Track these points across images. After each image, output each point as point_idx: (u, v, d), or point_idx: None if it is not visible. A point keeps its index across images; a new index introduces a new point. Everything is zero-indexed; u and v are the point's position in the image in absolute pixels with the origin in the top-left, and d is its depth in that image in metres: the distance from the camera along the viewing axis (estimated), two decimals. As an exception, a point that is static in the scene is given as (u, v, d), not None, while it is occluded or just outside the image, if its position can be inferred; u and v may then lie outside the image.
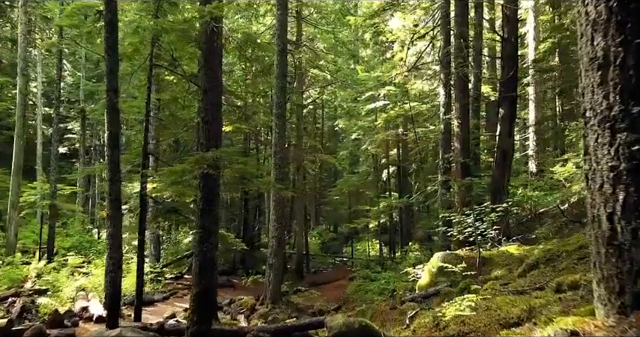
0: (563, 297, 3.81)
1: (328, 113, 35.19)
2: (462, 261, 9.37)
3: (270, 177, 11.15)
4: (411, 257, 17.80)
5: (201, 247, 7.65)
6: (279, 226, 14.92)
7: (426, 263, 10.74)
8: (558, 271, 5.70)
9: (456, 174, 13.50)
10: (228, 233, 10.38)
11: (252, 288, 16.88)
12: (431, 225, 17.80)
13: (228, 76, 23.37)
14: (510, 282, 5.96)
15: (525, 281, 5.61)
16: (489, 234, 9.97)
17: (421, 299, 8.72)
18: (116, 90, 9.12)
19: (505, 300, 4.30)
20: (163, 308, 14.12)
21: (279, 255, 15.00)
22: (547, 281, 5.02)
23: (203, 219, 7.72)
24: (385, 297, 16.26)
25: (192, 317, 7.49)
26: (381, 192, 26.31)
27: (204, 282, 7.59)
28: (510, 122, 13.14)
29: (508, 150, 13.18)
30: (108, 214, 9.08)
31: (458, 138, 13.53)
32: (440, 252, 9.92)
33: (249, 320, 13.42)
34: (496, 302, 4.33)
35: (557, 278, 4.63)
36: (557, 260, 6.22)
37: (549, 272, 5.83)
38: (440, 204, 13.86)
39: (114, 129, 9.14)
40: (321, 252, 27.94)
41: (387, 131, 22.95)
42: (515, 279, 6.39)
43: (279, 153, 15.03)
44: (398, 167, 24.70)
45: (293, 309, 15.14)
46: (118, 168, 9.16)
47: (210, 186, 7.70)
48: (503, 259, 9.02)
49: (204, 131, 7.81)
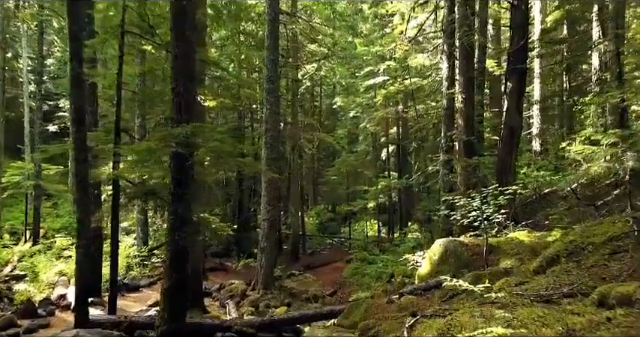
0: (613, 318, 2.83)
1: (326, 90, 33.93)
2: (466, 249, 8.44)
3: (251, 157, 10.09)
4: (410, 239, 16.90)
5: (173, 236, 6.68)
6: (272, 208, 13.96)
7: (427, 250, 9.81)
8: (586, 269, 4.72)
9: (459, 153, 12.45)
10: (213, 216, 9.37)
11: (245, 272, 16.03)
12: (431, 206, 16.85)
13: (220, 50, 22.18)
14: (527, 281, 4.99)
15: (547, 281, 4.63)
16: (496, 219, 9.00)
17: (421, 291, 7.79)
18: (80, 60, 8.02)
19: (531, 314, 3.33)
20: (149, 294, 13.26)
21: (272, 239, 14.09)
22: (577, 284, 4.04)
23: (175, 204, 6.72)
24: (382, 283, 15.44)
25: (162, 314, 6.56)
26: (380, 172, 25.30)
27: (176, 275, 6.63)
28: (519, 96, 12.01)
29: (516, 127, 12.08)
30: (75, 197, 8.09)
31: (461, 115, 12.44)
32: (442, 239, 8.96)
33: (240, 307, 12.57)
34: (520, 316, 3.36)
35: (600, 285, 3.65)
36: (582, 255, 5.24)
37: (574, 269, 4.85)
38: (441, 185, 12.84)
39: (78, 103, 8.07)
40: (319, 233, 27.07)
41: (386, 108, 21.79)
42: (532, 277, 5.42)
43: (272, 130, 13.97)
44: (398, 146, 23.61)
45: (286, 295, 14.29)
46: (85, 147, 8.12)
47: (181, 167, 6.68)
48: (512, 247, 8.06)
49: (175, 104, 6.75)
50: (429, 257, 8.87)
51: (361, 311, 7.44)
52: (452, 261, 8.32)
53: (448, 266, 8.34)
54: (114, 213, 8.83)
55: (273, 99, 13.78)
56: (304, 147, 23.42)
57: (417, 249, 16.01)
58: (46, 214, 21.72)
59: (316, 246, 24.78)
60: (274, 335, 8.27)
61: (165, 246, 6.86)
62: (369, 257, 18.24)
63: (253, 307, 12.49)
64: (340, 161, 24.87)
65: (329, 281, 16.93)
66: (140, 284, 13.94)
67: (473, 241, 8.59)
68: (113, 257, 8.87)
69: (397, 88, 19.34)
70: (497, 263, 7.63)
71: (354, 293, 15.62)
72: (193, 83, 6.98)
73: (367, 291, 14.43)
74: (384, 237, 23.12)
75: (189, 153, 6.52)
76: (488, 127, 18.65)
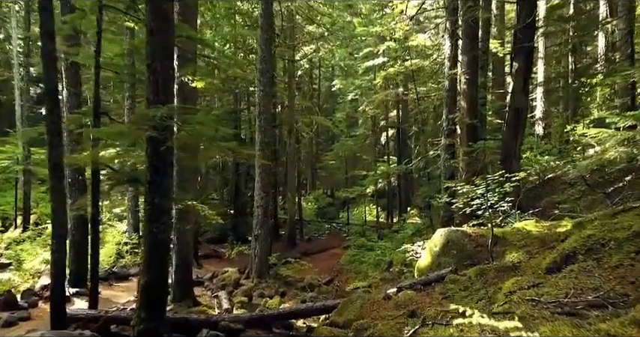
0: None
1: (325, 73, 33.09)
2: (469, 240, 7.83)
3: (234, 142, 9.44)
4: (409, 225, 16.33)
5: (150, 228, 6.05)
6: (266, 195, 13.35)
7: (427, 240, 9.22)
8: (610, 270, 4.11)
9: (462, 137, 11.78)
10: (210, 200, 8.75)
11: (239, 259, 15.48)
12: (432, 192, 16.24)
13: (215, 31, 21.32)
14: (542, 283, 4.36)
15: (566, 284, 4.01)
16: (501, 207, 8.37)
17: (421, 286, 7.19)
18: (51, 34, 7.29)
19: (557, 334, 2.72)
20: (137, 283, 12.71)
21: (266, 226, 13.51)
22: (605, 291, 3.42)
23: (152, 193, 6.08)
24: (381, 271, 14.93)
25: (139, 313, 5.97)
26: (379, 157, 24.63)
27: (154, 270, 6.03)
28: (525, 77, 11.28)
29: (522, 110, 11.37)
30: (49, 185, 7.46)
31: (464, 97, 11.74)
32: (443, 229, 8.34)
33: (232, 297, 12.04)
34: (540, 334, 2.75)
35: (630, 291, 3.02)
36: (603, 252, 4.61)
37: (595, 270, 4.23)
38: (442, 170, 12.20)
39: (51, 83, 7.37)
40: (317, 218, 26.54)
41: (386, 91, 21.01)
42: (545, 276, 4.80)
43: (265, 113, 13.28)
44: (397, 129, 22.89)
45: (281, 283, 13.78)
46: (59, 130, 7.45)
47: (158, 153, 6.03)
48: (518, 238, 7.44)
49: (152, 82, 6.06)
50: (429, 248, 8.27)
51: (356, 307, 6.85)
52: (454, 253, 7.72)
53: (450, 258, 7.74)
54: (93, 201, 8.19)
55: (267, 80, 13.05)
56: (302, 131, 22.74)
57: (417, 235, 15.46)
58: (40, 199, 21.12)
59: (314, 232, 24.26)
60: (264, 331, 7.73)
61: (142, 239, 6.24)
62: (367, 244, 17.72)
63: (246, 297, 11.97)
64: (339, 145, 24.19)
65: (326, 268, 16.41)
66: (130, 272, 13.40)
67: (476, 231, 7.97)
68: (94, 248, 8.27)
69: (397, 70, 18.55)
70: (503, 255, 7.02)
71: (351, 282, 15.12)
72: (171, 60, 6.28)
73: (365, 280, 13.92)
74: (382, 222, 22.58)
75: (166, 137, 5.86)
76: (490, 110, 17.93)
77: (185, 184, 10.61)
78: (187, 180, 10.73)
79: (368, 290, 12.62)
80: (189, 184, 10.96)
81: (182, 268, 10.57)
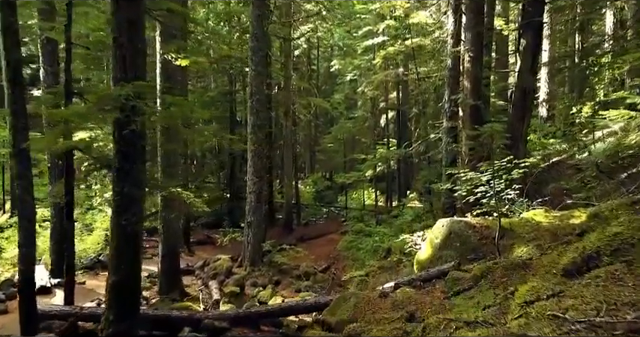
0: None
1: (324, 53, 32.07)
2: (473, 232, 7.16)
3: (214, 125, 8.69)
4: (408, 211, 15.67)
5: (119, 220, 5.39)
6: (258, 180, 12.67)
7: (427, 230, 8.57)
8: (645, 277, 3.42)
9: (465, 119, 11.03)
10: (197, 188, 8.07)
11: (234, 246, 14.84)
12: (432, 177, 15.55)
13: (208, 8, 20.36)
14: (563, 292, 3.68)
15: (593, 295, 3.34)
16: (507, 196, 7.70)
17: (420, 282, 6.56)
18: (12, 5, 6.51)
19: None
20: (126, 272, 12.13)
21: (259, 212, 12.86)
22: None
23: (121, 182, 5.40)
24: (379, 258, 14.33)
25: (107, 315, 5.34)
26: (378, 140, 23.87)
27: (125, 268, 5.38)
28: (534, 55, 10.49)
29: (529, 90, 10.62)
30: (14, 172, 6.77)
31: (468, 76, 10.95)
32: (444, 219, 7.66)
33: (224, 287, 11.47)
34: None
35: None
36: (632, 253, 3.94)
37: (627, 276, 3.57)
38: (444, 155, 11.48)
39: (13, 58, 6.61)
40: (315, 202, 25.91)
41: (385, 71, 20.13)
42: (564, 280, 4.13)
43: (257, 94, 12.50)
44: (397, 111, 22.07)
45: (275, 271, 13.20)
46: (24, 111, 6.72)
47: (125, 137, 5.32)
48: (527, 230, 6.76)
49: (118, 58, 5.33)
50: (429, 239, 7.61)
51: (350, 306, 6.22)
52: (457, 246, 7.06)
53: (452, 251, 7.09)
54: (67, 188, 7.51)
55: (259, 59, 12.25)
56: (299, 113, 21.95)
57: (416, 221, 14.81)
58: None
59: (312, 216, 23.66)
60: (251, 329, 7.13)
61: (110, 233, 5.57)
62: (365, 229, 17.09)
63: (238, 286, 11.38)
64: (337, 128, 23.39)
65: (322, 255, 15.82)
66: (118, 260, 12.79)
67: (481, 222, 7.29)
68: (69, 238, 7.62)
69: (397, 49, 17.68)
70: (511, 249, 6.36)
71: (348, 269, 14.54)
72: (139, 34, 5.51)
73: (362, 269, 13.34)
74: (381, 207, 21.95)
75: (133, 120, 5.13)
76: (493, 92, 17.12)
77: (171, 169, 9.92)
78: (174, 165, 10.03)
79: (365, 278, 12.06)
80: (176, 169, 10.26)
81: (169, 258, 9.96)
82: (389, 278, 11.37)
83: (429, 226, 13.79)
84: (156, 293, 9.99)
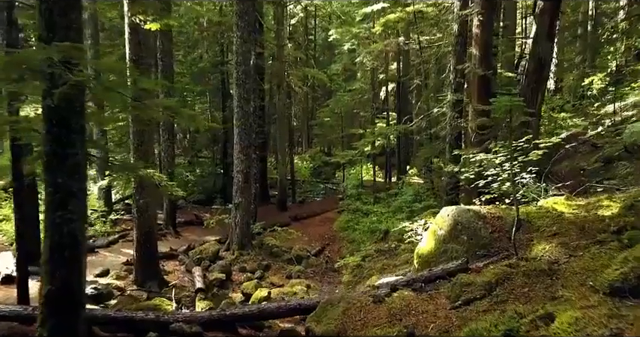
0: None
1: (322, 23, 30.39)
2: (484, 223, 6.10)
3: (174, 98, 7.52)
4: (408, 190, 14.62)
5: (53, 217, 4.32)
6: (246, 158, 11.57)
7: (429, 219, 7.53)
8: None
9: (473, 91, 9.85)
10: (160, 174, 6.99)
11: (223, 228, 13.81)
12: (434, 153, 14.42)
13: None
14: (619, 327, 2.65)
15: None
16: (522, 179, 6.63)
17: (421, 283, 5.55)
18: None
19: None
20: (103, 257, 11.16)
21: (247, 193, 11.82)
22: None
23: (52, 171, 4.31)
24: (376, 240, 13.38)
25: (40, 332, 4.34)
26: (377, 113, 22.60)
27: (61, 274, 4.35)
28: (552, 18, 9.22)
29: (546, 59, 9.40)
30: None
31: (477, 42, 9.70)
32: (449, 207, 6.59)
33: (209, 272, 10.53)
34: None
35: None
36: None
37: None
38: (448, 131, 10.33)
39: None
40: (312, 178, 24.88)
41: (385, 40, 18.71)
42: (616, 307, 3.09)
43: (244, 64, 11.28)
44: (397, 83, 20.74)
45: (266, 254, 12.25)
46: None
47: (60, 115, 4.20)
48: (548, 222, 5.71)
49: (42, 14, 4.15)
50: (432, 230, 6.56)
51: (338, 313, 5.23)
52: (464, 239, 6.02)
53: (459, 245, 6.05)
54: (15, 173, 6.44)
55: (245, 24, 10.95)
56: (294, 85, 20.64)
57: (417, 201, 13.79)
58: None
59: (308, 193, 22.69)
60: (226, 333, 6.17)
61: (44, 234, 4.50)
62: (362, 208, 16.12)
63: (224, 273, 10.43)
64: (334, 101, 22.08)
65: (317, 235, 14.88)
66: (96, 244, 11.82)
67: (492, 211, 6.23)
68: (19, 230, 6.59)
69: (398, 16, 16.24)
70: (530, 247, 5.32)
71: (343, 251, 13.61)
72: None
73: (358, 252, 12.39)
74: (380, 182, 20.92)
75: (65, 93, 3.98)
76: (500, 62, 15.80)
77: (144, 148, 8.80)
78: (147, 144, 8.91)
79: (361, 263, 11.12)
80: (149, 148, 9.14)
81: (144, 244, 8.97)
82: (386, 266, 10.44)
83: (431, 207, 12.81)
84: (131, 283, 9.04)
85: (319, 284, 10.57)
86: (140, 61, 8.56)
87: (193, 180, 21.89)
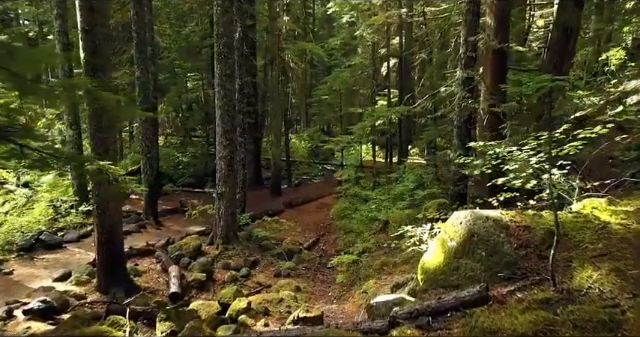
0: None
1: (320, -6, 28.46)
2: (507, 236, 4.78)
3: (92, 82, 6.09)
4: (410, 177, 13.26)
5: None
6: (229, 143, 10.23)
7: (436, 224, 6.19)
8: None
9: (486, 67, 8.39)
10: (115, 168, 5.65)
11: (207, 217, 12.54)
12: (438, 134, 13.04)
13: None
14: None
15: None
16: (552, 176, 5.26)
17: (428, 317, 4.26)
18: None
19: None
20: (71, 254, 9.92)
21: (232, 181, 10.52)
22: None
23: None
24: (375, 230, 12.12)
25: None
26: (378, 90, 21.06)
27: None
28: (583, -20, 7.71)
29: (573, 28, 7.90)
30: None
31: (492, 10, 8.20)
32: (462, 212, 5.24)
33: (187, 272, 9.33)
34: None
35: None
36: None
37: None
38: (456, 113, 8.89)
39: None
40: (310, 159, 23.52)
41: (387, 12, 17.04)
42: None
43: (225, 36, 9.80)
44: (400, 58, 19.15)
45: (254, 248, 11.04)
46: None
47: None
48: (590, 236, 4.39)
49: None
50: (441, 240, 5.24)
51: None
52: (481, 255, 4.71)
53: (474, 262, 4.74)
54: None
55: (226, -10, 9.42)
56: (290, 61, 19.08)
57: (420, 189, 12.44)
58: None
59: (305, 175, 21.36)
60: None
61: None
62: (361, 193, 14.81)
63: (204, 272, 9.26)
64: (332, 77, 20.47)
65: (312, 224, 13.65)
66: (64, 239, 10.59)
67: (517, 220, 4.90)
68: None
69: (401, -16, 14.62)
70: (570, 272, 4.01)
71: (340, 243, 12.33)
72: None
73: (355, 246, 11.14)
74: (380, 163, 19.57)
75: None
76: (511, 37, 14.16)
77: (103, 135, 7.44)
78: (107, 129, 7.54)
79: (358, 260, 9.88)
80: (110, 135, 7.78)
81: (107, 246, 7.72)
82: (385, 264, 9.20)
83: (434, 196, 11.46)
84: (94, 289, 7.83)
85: (311, 285, 9.38)
86: (94, 31, 7.13)
87: (185, 161, 20.59)
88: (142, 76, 12.02)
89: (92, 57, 7.23)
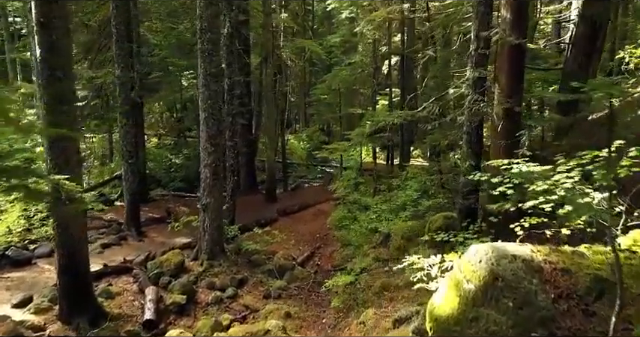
0: None
1: (320, -10, 27.36)
2: (541, 282, 3.75)
3: None
4: (413, 184, 12.21)
5: None
6: (215, 149, 9.22)
7: (447, 255, 5.14)
8: None
9: (500, 66, 7.35)
10: (72, 184, 4.65)
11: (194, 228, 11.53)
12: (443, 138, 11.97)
13: None
14: None
15: None
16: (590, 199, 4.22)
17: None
18: None
19: None
20: (39, 272, 8.91)
21: (216, 191, 9.52)
22: None
23: None
24: (375, 243, 11.10)
25: None
26: (379, 89, 20.00)
27: None
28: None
29: (602, 23, 6.87)
30: None
31: (508, 2, 7.14)
32: (481, 246, 4.20)
33: (167, 294, 8.36)
34: None
35: None
36: None
37: None
38: (466, 117, 7.83)
39: None
40: (308, 161, 22.48)
41: (388, 7, 15.97)
42: None
43: (210, 30, 8.81)
44: (402, 56, 18.09)
45: (243, 264, 10.01)
46: None
47: None
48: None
49: None
50: (455, 280, 4.20)
51: None
52: (508, 306, 3.68)
53: (499, 313, 3.71)
54: None
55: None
56: (286, 59, 18.04)
57: (423, 198, 11.41)
58: None
59: (303, 178, 20.33)
60: None
61: None
62: (361, 200, 13.76)
63: (185, 294, 8.28)
64: (331, 76, 19.40)
65: (307, 234, 12.64)
66: (35, 253, 9.61)
67: (552, 260, 3.86)
68: None
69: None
70: None
71: (336, 256, 11.35)
72: None
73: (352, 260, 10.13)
74: (381, 166, 18.50)
75: None
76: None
77: (64, 144, 6.43)
78: (69, 137, 6.51)
79: (355, 283, 8.87)
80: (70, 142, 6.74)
81: (68, 270, 6.72)
82: (386, 287, 8.17)
83: (440, 208, 10.43)
84: (55, 318, 6.84)
85: (303, 308, 8.38)
86: (52, 25, 6.12)
87: (178, 163, 19.58)
88: (122, 75, 11.02)
89: (49, 54, 6.22)
